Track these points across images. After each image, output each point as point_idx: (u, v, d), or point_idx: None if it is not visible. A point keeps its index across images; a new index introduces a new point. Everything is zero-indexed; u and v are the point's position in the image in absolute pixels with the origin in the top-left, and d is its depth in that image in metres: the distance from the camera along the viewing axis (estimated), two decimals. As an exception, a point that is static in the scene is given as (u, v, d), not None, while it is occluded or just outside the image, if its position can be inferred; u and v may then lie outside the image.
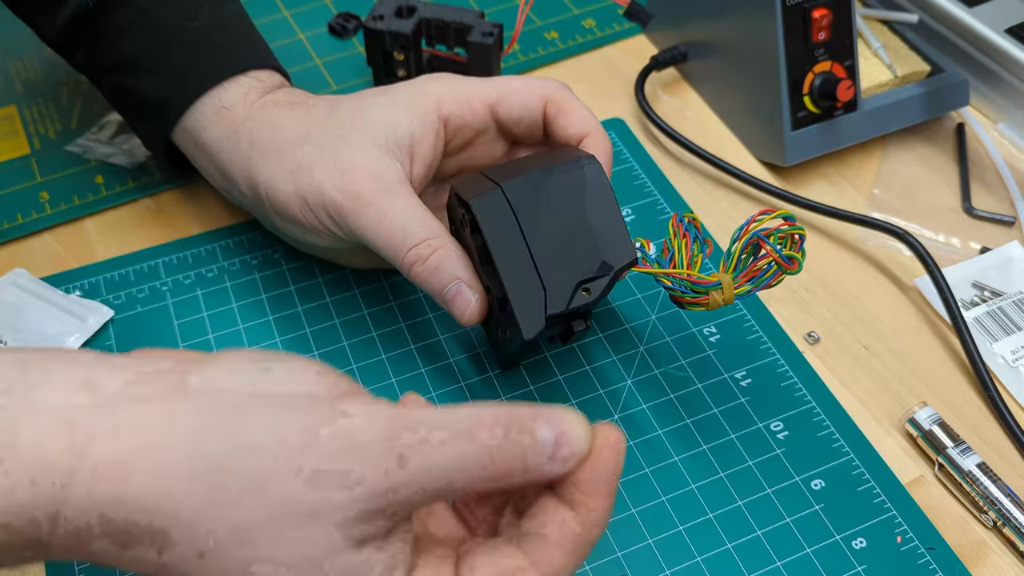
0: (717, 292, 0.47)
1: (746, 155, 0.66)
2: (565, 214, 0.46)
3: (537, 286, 0.46)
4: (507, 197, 0.46)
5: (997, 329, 0.56)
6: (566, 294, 0.46)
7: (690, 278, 0.47)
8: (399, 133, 0.50)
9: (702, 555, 0.47)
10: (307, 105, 0.53)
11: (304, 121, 0.52)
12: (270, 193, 0.52)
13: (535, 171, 0.47)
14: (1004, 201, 0.64)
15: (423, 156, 0.51)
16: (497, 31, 0.65)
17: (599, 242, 0.46)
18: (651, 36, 0.74)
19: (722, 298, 0.47)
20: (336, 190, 0.49)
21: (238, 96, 0.54)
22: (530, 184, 0.46)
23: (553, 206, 0.46)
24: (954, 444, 0.50)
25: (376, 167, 0.49)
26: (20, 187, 0.63)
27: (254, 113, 0.54)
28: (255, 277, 0.59)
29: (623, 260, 0.47)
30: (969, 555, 0.48)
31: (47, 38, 0.60)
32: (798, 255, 0.46)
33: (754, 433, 0.52)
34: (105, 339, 0.55)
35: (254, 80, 0.55)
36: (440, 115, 0.51)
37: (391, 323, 0.56)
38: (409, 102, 0.51)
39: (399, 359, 0.55)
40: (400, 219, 0.48)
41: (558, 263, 0.46)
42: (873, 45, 0.67)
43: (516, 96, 0.52)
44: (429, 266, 0.48)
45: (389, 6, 0.66)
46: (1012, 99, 0.67)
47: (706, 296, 0.47)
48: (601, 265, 0.46)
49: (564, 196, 0.46)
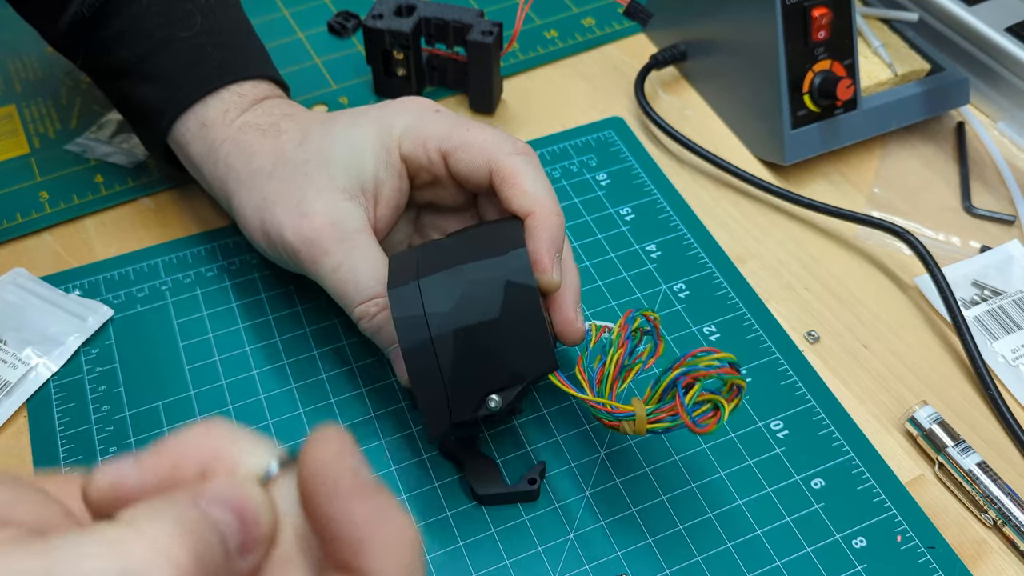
0: (629, 423, 0.44)
1: (746, 154, 0.66)
2: (482, 315, 0.43)
3: (442, 392, 0.44)
4: (422, 295, 0.43)
5: (997, 328, 0.56)
6: (471, 403, 0.44)
7: (600, 406, 0.44)
8: (363, 177, 0.50)
9: (702, 555, 0.47)
10: (278, 131, 0.53)
11: (272, 151, 0.52)
12: (242, 223, 0.53)
13: (460, 263, 0.44)
14: (1004, 200, 0.64)
15: (388, 198, 0.50)
16: (497, 30, 0.65)
17: (514, 349, 0.44)
18: (651, 35, 0.74)
19: (632, 429, 0.44)
20: (293, 234, 0.49)
21: (218, 113, 0.55)
22: (448, 281, 0.44)
23: (470, 306, 0.43)
24: (954, 443, 0.50)
25: (335, 213, 0.49)
26: (20, 186, 0.63)
27: (231, 135, 0.54)
28: (255, 276, 0.58)
29: (536, 371, 0.44)
30: (969, 554, 0.48)
31: (52, 42, 0.60)
32: (727, 406, 0.43)
33: (754, 432, 0.52)
34: (105, 338, 0.55)
35: (236, 95, 0.55)
36: (400, 154, 0.50)
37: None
38: (375, 140, 0.50)
39: (367, 369, 0.54)
40: (353, 272, 0.48)
41: (466, 370, 0.44)
42: (873, 44, 0.67)
43: (465, 153, 0.49)
44: (374, 325, 0.48)
45: (388, 5, 0.66)
46: (1012, 98, 0.67)
47: (618, 423, 0.44)
48: (512, 375, 0.44)
49: (483, 295, 0.43)
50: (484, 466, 0.49)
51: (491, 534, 0.48)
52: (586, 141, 0.66)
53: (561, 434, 0.52)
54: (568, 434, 0.52)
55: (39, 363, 0.54)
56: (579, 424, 0.52)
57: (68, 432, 0.52)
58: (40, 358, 0.54)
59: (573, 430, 0.52)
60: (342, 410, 0.53)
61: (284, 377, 0.54)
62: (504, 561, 0.47)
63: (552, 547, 0.47)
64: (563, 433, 0.52)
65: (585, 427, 0.52)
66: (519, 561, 0.47)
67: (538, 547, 0.47)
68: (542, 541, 0.48)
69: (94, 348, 0.55)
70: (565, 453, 0.51)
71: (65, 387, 0.54)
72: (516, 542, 0.48)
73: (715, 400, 0.43)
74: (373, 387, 0.53)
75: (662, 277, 0.58)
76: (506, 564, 0.47)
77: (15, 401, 0.53)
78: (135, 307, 0.57)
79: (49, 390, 0.53)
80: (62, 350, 0.55)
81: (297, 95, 0.63)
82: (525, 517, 0.49)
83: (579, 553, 0.47)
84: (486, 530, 0.48)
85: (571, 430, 0.52)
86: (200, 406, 0.53)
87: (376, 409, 0.53)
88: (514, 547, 0.47)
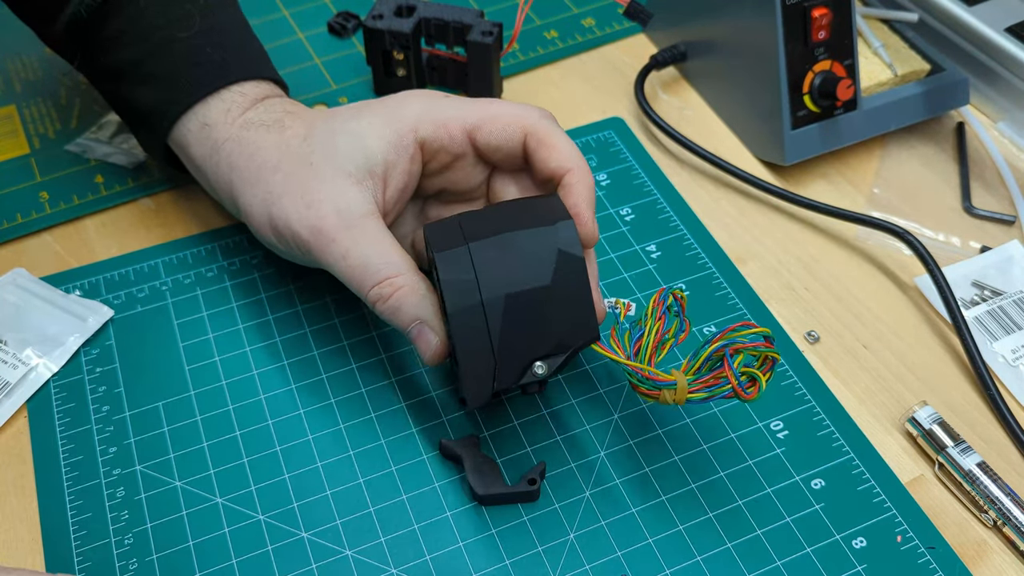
0: (670, 392, 0.45)
1: (746, 154, 0.66)
2: (530, 282, 0.44)
3: (489, 357, 0.44)
4: (472, 258, 0.44)
5: (997, 328, 0.56)
6: (517, 369, 0.45)
7: (645, 373, 0.45)
8: (372, 160, 0.50)
9: (702, 555, 0.47)
10: (282, 127, 0.53)
11: (278, 146, 0.52)
12: (249, 219, 0.53)
13: (507, 230, 0.45)
14: (1004, 200, 0.64)
15: (397, 181, 0.51)
16: (497, 30, 0.65)
17: (561, 317, 0.44)
18: (651, 35, 0.74)
19: (673, 398, 0.45)
20: (301, 224, 0.49)
21: (220, 113, 0.54)
22: (498, 246, 0.44)
23: (519, 273, 0.44)
24: (954, 443, 0.50)
25: (341, 200, 0.49)
26: (20, 187, 0.63)
27: (233, 133, 0.54)
28: (255, 276, 0.59)
29: (581, 339, 0.45)
30: (969, 554, 0.48)
31: (48, 43, 0.60)
32: (763, 378, 0.45)
33: (754, 432, 0.52)
34: (105, 339, 0.55)
35: (237, 95, 0.55)
36: (416, 138, 0.50)
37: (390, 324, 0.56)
38: (383, 125, 0.50)
39: (398, 359, 0.55)
40: (363, 257, 0.48)
41: (514, 336, 0.44)
42: (873, 44, 0.67)
43: (496, 124, 0.50)
44: (390, 305, 0.48)
45: (388, 5, 0.66)
46: (1012, 98, 0.67)
47: (659, 392, 0.45)
48: (557, 344, 0.45)
49: (532, 263, 0.44)
50: (484, 466, 0.49)
51: (491, 534, 0.48)
52: (586, 141, 0.66)
53: (561, 434, 0.52)
54: (568, 434, 0.52)
55: (39, 363, 0.54)
56: (579, 424, 0.52)
57: (68, 432, 0.52)
58: (40, 358, 0.54)
59: (573, 430, 0.52)
60: (342, 410, 0.53)
61: (284, 377, 0.54)
62: (504, 561, 0.47)
63: (552, 547, 0.47)
64: (563, 433, 0.52)
65: (585, 427, 0.52)
66: (519, 561, 0.47)
67: (538, 547, 0.47)
68: (542, 541, 0.48)
69: (94, 348, 0.55)
70: (565, 453, 0.51)
71: (65, 387, 0.54)
72: (516, 542, 0.48)
73: (750, 372, 0.45)
74: (373, 387, 0.53)
75: (662, 277, 0.58)
76: (506, 564, 0.47)
77: (15, 401, 0.53)
78: (135, 307, 0.57)
79: (49, 390, 0.53)
80: (62, 350, 0.55)
81: (297, 95, 0.63)
82: (525, 517, 0.49)
83: (579, 553, 0.47)
84: (486, 530, 0.48)
85: (571, 430, 0.52)
86: (200, 406, 0.53)
87: (376, 409, 0.53)
88: (514, 547, 0.48)
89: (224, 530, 0.48)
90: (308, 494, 0.49)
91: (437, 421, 0.52)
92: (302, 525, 0.48)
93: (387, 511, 0.49)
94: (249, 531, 0.48)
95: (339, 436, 0.51)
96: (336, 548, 0.48)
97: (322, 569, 0.47)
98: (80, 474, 0.50)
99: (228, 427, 0.52)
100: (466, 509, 0.49)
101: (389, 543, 0.48)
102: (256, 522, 0.48)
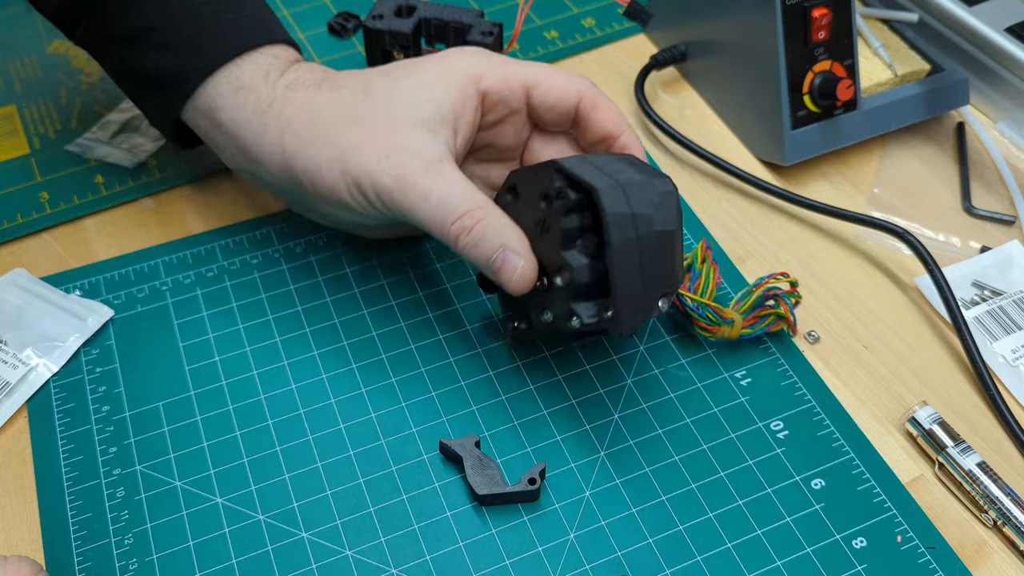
0: (728, 327, 0.53)
1: (746, 154, 0.66)
2: (663, 225, 0.46)
3: (640, 289, 0.46)
4: (627, 195, 0.46)
5: (997, 328, 0.56)
6: (651, 304, 0.46)
7: (715, 308, 0.53)
8: (442, 110, 0.51)
9: (702, 555, 0.47)
10: (335, 85, 0.53)
11: (339, 102, 0.52)
12: (314, 179, 0.52)
13: (635, 176, 0.46)
14: (1004, 200, 0.64)
15: (464, 129, 0.52)
16: (497, 30, 0.65)
17: (671, 261, 0.47)
18: (651, 35, 0.74)
19: (729, 332, 0.53)
20: (383, 173, 0.50)
21: (257, 76, 0.54)
22: (645, 188, 0.46)
23: (662, 214, 0.46)
24: (954, 443, 0.50)
25: (419, 146, 0.50)
26: (20, 187, 0.63)
27: (279, 94, 0.53)
28: (255, 277, 0.59)
29: (679, 284, 0.48)
30: (969, 554, 0.48)
31: (46, 12, 0.58)
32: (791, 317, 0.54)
33: (754, 432, 0.52)
34: (105, 339, 0.56)
35: (270, 57, 0.54)
36: (479, 89, 0.52)
37: (391, 323, 0.56)
38: (447, 77, 0.51)
39: (398, 359, 0.55)
40: (443, 196, 0.49)
41: (652, 271, 0.46)
42: (873, 44, 0.67)
43: (554, 83, 0.52)
44: (474, 237, 0.49)
45: (389, 5, 0.66)
46: (1012, 98, 0.67)
47: (718, 327, 0.53)
48: (672, 284, 0.47)
49: (667, 207, 0.46)
50: (484, 466, 0.49)
51: (491, 534, 0.48)
52: (586, 141, 0.66)
53: (561, 434, 0.52)
54: (568, 434, 0.52)
55: (39, 363, 0.54)
56: (579, 424, 0.52)
57: (68, 432, 0.52)
58: (40, 358, 0.54)
59: (573, 430, 0.52)
60: (342, 410, 0.53)
61: (284, 377, 0.54)
62: (504, 561, 0.47)
63: (552, 547, 0.48)
64: (563, 433, 0.52)
65: (585, 427, 0.52)
66: (519, 561, 0.47)
67: (538, 547, 0.47)
68: (542, 541, 0.48)
69: (94, 348, 0.55)
70: (565, 453, 0.51)
71: (65, 387, 0.54)
72: (516, 542, 0.48)
73: (775, 312, 0.54)
74: (373, 387, 0.53)
75: (662, 277, 0.58)
76: (506, 564, 0.47)
77: (15, 401, 0.53)
78: (135, 307, 0.57)
79: (49, 390, 0.53)
80: (62, 350, 0.55)
81: (297, 95, 0.63)
82: (525, 517, 0.49)
83: (579, 553, 0.47)
84: (486, 530, 0.48)
85: (571, 430, 0.52)
86: (200, 406, 0.53)
87: (376, 409, 0.53)
88: (514, 547, 0.48)
89: (224, 530, 0.48)
90: (308, 494, 0.49)
91: (437, 421, 0.52)
92: (302, 525, 0.48)
93: (387, 511, 0.49)
94: (249, 531, 0.48)
95: (339, 436, 0.51)
96: (336, 548, 0.48)
97: (322, 569, 0.47)
98: (80, 474, 0.50)
99: (228, 427, 0.52)
100: (466, 509, 0.49)
101: (389, 543, 0.48)
102: (256, 522, 0.48)
